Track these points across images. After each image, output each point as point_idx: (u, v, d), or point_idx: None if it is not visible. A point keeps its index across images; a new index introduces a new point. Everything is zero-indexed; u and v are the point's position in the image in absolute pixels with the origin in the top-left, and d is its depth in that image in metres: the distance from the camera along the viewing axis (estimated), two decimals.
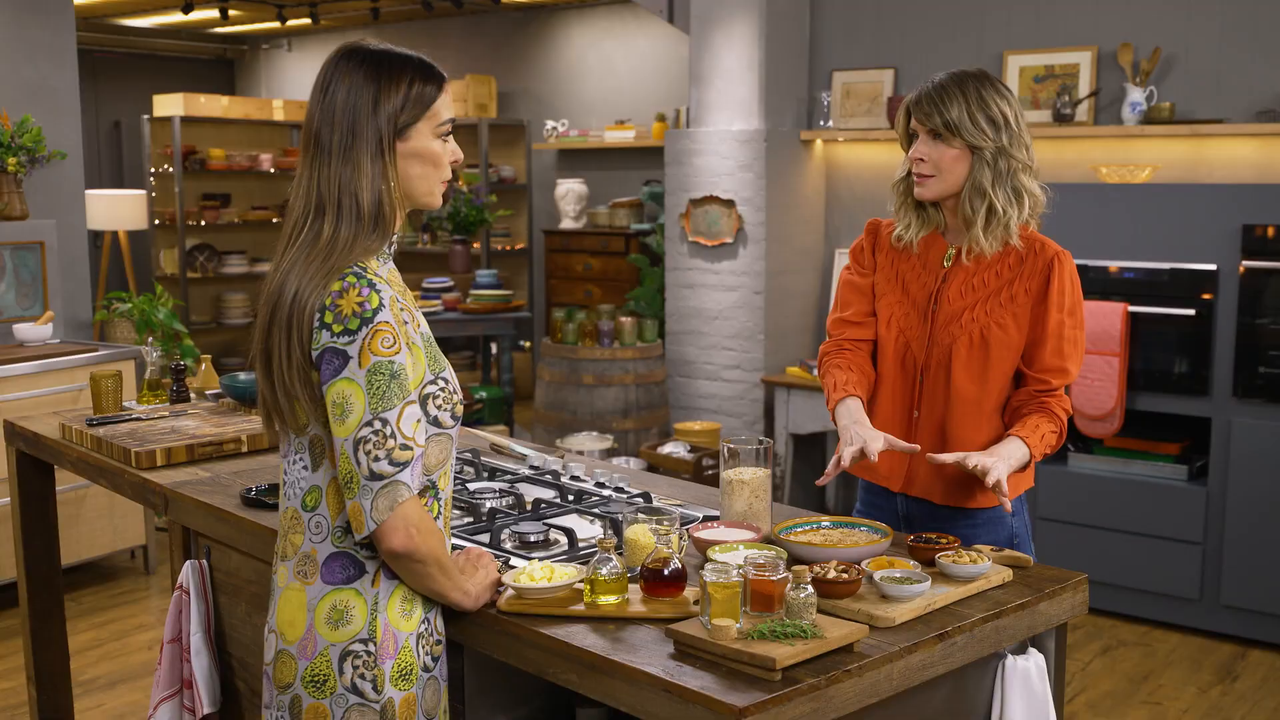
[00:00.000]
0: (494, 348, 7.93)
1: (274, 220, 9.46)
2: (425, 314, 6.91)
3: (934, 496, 2.53)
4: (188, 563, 2.75)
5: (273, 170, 9.30)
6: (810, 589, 1.87)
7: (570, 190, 8.64)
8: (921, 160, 2.48)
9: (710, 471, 5.52)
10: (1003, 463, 2.36)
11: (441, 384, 1.95)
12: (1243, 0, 4.98)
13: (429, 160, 1.95)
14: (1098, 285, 4.80)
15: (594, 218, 8.57)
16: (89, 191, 7.68)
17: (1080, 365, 2.51)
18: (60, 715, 3.71)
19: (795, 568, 1.91)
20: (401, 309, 1.89)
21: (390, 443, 1.83)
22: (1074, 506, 4.93)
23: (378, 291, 1.84)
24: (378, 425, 1.82)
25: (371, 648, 1.90)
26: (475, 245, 8.82)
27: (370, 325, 1.82)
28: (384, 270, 1.93)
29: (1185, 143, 5.10)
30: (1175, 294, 4.66)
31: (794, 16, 6.01)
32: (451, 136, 2.00)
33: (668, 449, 5.74)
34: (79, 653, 4.49)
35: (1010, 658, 2.12)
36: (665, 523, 2.12)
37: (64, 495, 4.97)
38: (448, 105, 1.97)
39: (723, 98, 6.01)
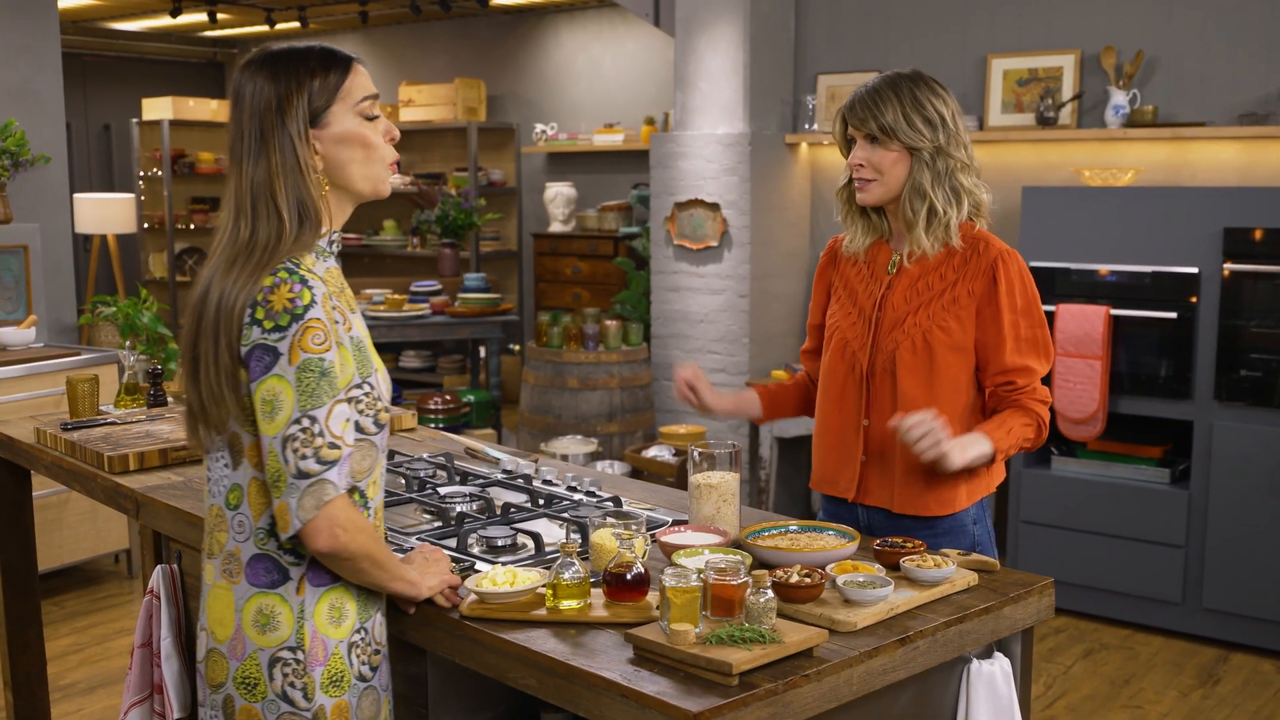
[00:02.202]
0: (482, 351, 7.92)
1: None
2: (413, 317, 6.91)
3: (890, 505, 2.50)
4: (159, 567, 2.74)
5: None
6: (770, 593, 1.86)
7: (559, 194, 8.64)
8: (861, 165, 2.46)
9: None
10: (953, 446, 2.31)
11: (367, 389, 1.93)
12: (1225, 4, 4.98)
13: (356, 142, 1.93)
14: (1080, 288, 4.81)
15: (583, 221, 8.57)
16: (78, 195, 7.69)
17: (1048, 362, 2.46)
18: (37, 719, 3.71)
19: (756, 572, 1.90)
20: (334, 308, 1.88)
21: (318, 440, 1.81)
22: (1056, 510, 4.93)
23: (310, 288, 1.83)
24: (306, 423, 1.80)
25: (300, 655, 1.90)
26: (465, 249, 8.82)
27: (301, 322, 1.81)
28: (321, 268, 1.92)
29: (1168, 146, 5.10)
30: (1157, 297, 4.66)
31: (779, 20, 6.01)
32: (381, 116, 1.98)
33: (652, 452, 5.73)
34: (59, 657, 4.48)
35: (975, 662, 2.12)
36: (630, 527, 2.12)
37: (47, 500, 4.97)
38: (361, 85, 1.95)
39: (707, 101, 6.01)
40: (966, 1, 5.61)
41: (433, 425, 6.91)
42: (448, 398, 7.07)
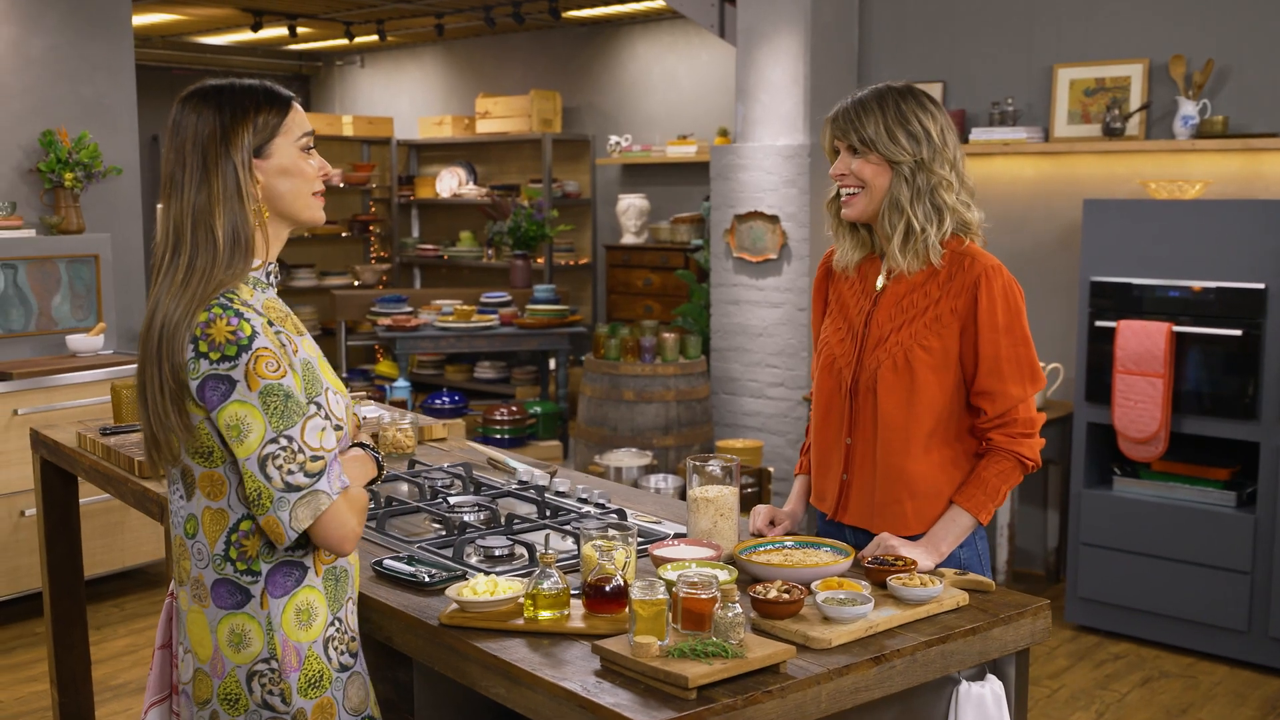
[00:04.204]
0: (552, 363, 7.95)
1: (342, 235, 9.64)
2: (481, 328, 6.97)
3: (870, 525, 2.44)
4: None
5: (342, 185, 9.47)
6: (737, 608, 1.83)
7: (631, 205, 8.64)
8: (843, 175, 2.41)
9: (749, 490, 5.47)
10: (926, 554, 2.31)
11: (315, 409, 1.95)
12: None
13: (295, 174, 1.99)
14: (1142, 304, 4.67)
15: (655, 233, 8.56)
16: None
17: (1034, 384, 2.36)
18: (81, 717, 3.79)
19: (725, 586, 1.87)
20: (278, 333, 1.91)
21: (300, 457, 1.85)
22: (1118, 532, 4.79)
23: (247, 320, 1.86)
24: (283, 442, 1.84)
25: (274, 665, 1.94)
26: (539, 260, 8.88)
27: (250, 352, 1.84)
28: (259, 298, 1.95)
29: (1239, 157, 4.94)
30: (1222, 313, 4.51)
31: (840, 31, 5.95)
32: (315, 151, 2.04)
33: (707, 466, 5.68)
34: (115, 658, 4.59)
35: (965, 683, 2.07)
36: (625, 540, 2.11)
37: (109, 503, 5.09)
38: (300, 122, 2.01)
39: (768, 113, 5.97)
40: (1033, 11, 5.51)
41: (499, 436, 6.95)
42: (514, 409, 7.09)
